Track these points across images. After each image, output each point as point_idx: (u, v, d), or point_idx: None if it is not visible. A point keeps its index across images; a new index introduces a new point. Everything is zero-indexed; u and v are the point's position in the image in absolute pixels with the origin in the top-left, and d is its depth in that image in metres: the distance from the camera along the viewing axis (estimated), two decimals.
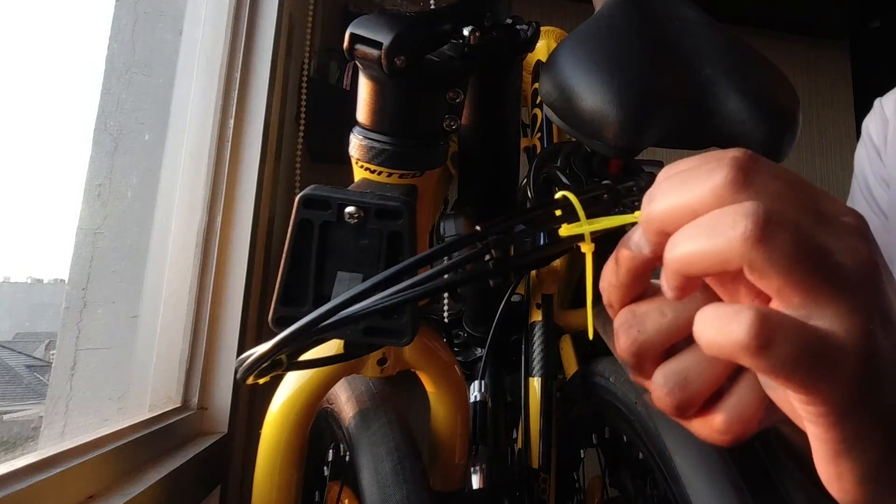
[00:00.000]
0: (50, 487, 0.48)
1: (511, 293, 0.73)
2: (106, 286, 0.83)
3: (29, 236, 0.84)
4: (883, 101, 0.68)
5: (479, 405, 0.72)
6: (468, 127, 0.57)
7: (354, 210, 0.38)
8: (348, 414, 0.62)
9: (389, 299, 0.27)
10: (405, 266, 0.28)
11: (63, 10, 0.90)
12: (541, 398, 0.72)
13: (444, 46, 0.45)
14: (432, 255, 0.29)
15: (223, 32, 0.96)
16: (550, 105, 0.47)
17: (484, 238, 0.28)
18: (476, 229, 0.28)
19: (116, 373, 0.81)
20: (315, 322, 0.27)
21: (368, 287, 0.27)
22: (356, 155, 0.45)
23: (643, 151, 0.47)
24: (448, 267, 0.28)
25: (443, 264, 0.28)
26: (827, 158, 2.41)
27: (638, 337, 0.26)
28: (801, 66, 2.42)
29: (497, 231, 0.28)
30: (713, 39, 0.48)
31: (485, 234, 0.28)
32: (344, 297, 0.27)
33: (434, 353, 0.68)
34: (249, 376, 0.30)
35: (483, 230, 0.28)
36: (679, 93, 0.45)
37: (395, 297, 0.27)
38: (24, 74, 0.83)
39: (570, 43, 0.47)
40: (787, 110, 0.46)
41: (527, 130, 0.84)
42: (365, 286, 0.27)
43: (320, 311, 0.27)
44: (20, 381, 0.97)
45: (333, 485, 0.68)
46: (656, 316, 0.26)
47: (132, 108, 0.89)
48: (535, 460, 0.71)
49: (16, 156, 0.80)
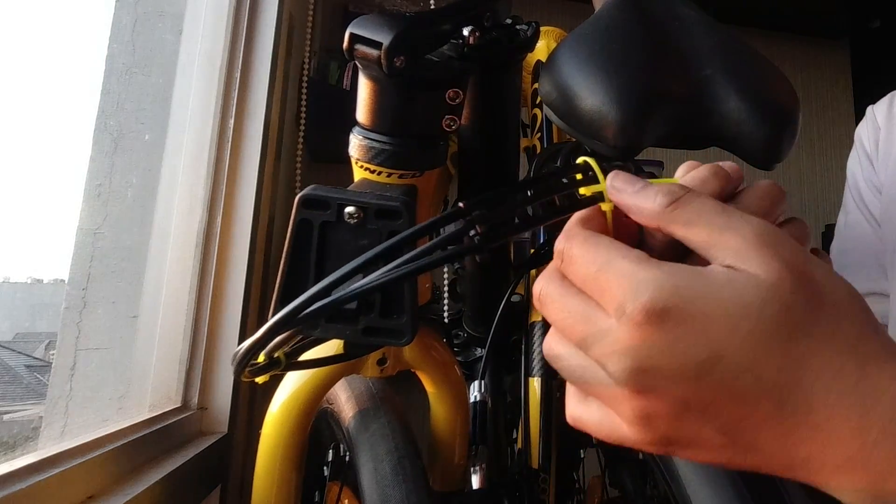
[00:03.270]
0: (50, 487, 0.48)
1: (511, 293, 0.73)
2: (106, 286, 0.83)
3: (29, 236, 0.84)
4: (875, 108, 0.68)
5: (479, 405, 0.72)
6: (468, 127, 0.57)
7: (354, 210, 0.38)
8: (348, 414, 0.62)
9: (376, 280, 0.28)
10: (381, 250, 0.28)
11: (63, 10, 0.90)
12: (541, 398, 0.72)
13: (444, 46, 0.45)
14: (414, 234, 0.29)
15: (223, 32, 0.96)
16: (550, 105, 0.47)
17: (467, 214, 0.28)
18: (459, 206, 0.28)
19: (116, 373, 0.81)
20: (299, 309, 0.28)
21: (347, 272, 0.28)
22: (356, 155, 0.45)
23: (643, 151, 0.47)
24: (431, 246, 0.28)
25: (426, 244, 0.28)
26: (827, 158, 2.41)
27: None
28: (801, 66, 2.42)
29: (481, 206, 0.29)
30: (713, 39, 0.47)
31: (468, 211, 0.28)
32: (325, 283, 0.28)
33: (434, 353, 0.68)
34: (244, 369, 0.30)
35: (466, 206, 0.28)
36: (679, 93, 0.45)
37: (378, 280, 0.27)
38: (24, 75, 0.83)
39: (570, 43, 0.47)
40: (786, 110, 0.46)
41: (527, 130, 0.83)
42: (344, 271, 0.28)
43: (303, 298, 0.28)
44: (20, 381, 0.97)
45: (333, 485, 0.68)
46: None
47: (132, 108, 0.89)
48: (535, 460, 0.71)
49: (16, 156, 0.80)
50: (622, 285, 0.26)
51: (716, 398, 0.25)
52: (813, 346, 0.25)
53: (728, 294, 0.25)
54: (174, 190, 0.89)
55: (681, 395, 0.25)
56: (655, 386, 0.25)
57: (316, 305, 0.28)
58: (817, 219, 2.28)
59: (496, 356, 0.82)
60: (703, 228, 0.27)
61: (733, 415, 0.25)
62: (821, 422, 0.25)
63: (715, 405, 0.25)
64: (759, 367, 0.25)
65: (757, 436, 0.26)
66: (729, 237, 0.26)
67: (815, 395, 0.25)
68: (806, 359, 0.25)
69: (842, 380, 0.25)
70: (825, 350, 0.25)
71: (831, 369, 0.25)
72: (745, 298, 0.25)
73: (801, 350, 0.25)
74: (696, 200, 0.28)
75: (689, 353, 0.25)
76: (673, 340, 0.25)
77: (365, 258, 0.28)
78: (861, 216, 0.65)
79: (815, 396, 0.25)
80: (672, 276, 0.25)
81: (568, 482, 0.82)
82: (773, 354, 0.25)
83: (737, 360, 0.25)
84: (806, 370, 0.25)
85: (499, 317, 0.69)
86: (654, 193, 0.28)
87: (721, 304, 0.25)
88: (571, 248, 0.28)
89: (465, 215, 0.28)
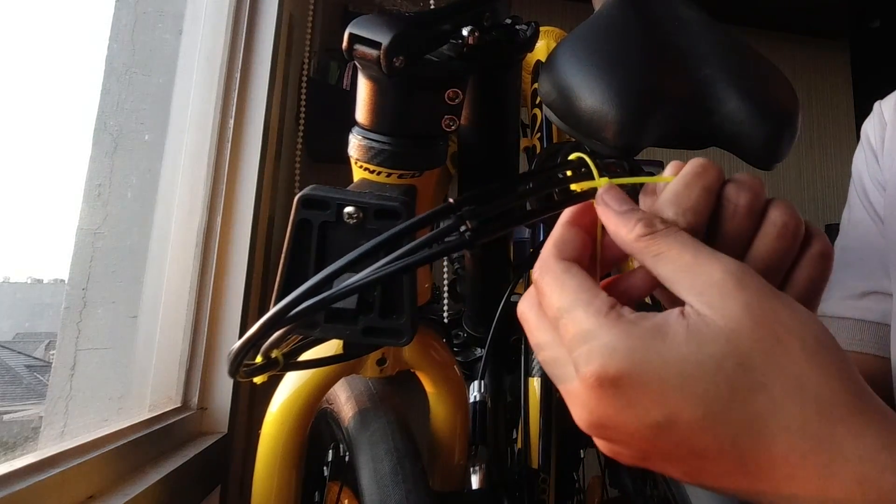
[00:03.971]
0: (50, 487, 0.48)
1: (511, 293, 0.73)
2: (106, 286, 0.83)
3: (29, 236, 0.84)
4: (882, 104, 0.68)
5: (479, 405, 0.72)
6: (467, 127, 0.57)
7: (353, 210, 0.38)
8: (348, 414, 0.62)
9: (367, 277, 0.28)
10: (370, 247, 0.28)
11: (63, 10, 0.90)
12: (541, 398, 0.72)
13: (444, 46, 0.45)
14: (402, 231, 0.29)
15: (223, 32, 0.96)
16: (549, 105, 0.47)
17: (458, 210, 0.28)
18: (449, 201, 0.28)
19: (116, 373, 0.81)
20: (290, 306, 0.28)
21: (336, 269, 0.28)
22: (355, 155, 0.45)
23: (643, 151, 0.47)
24: (421, 243, 0.28)
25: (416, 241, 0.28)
26: (827, 158, 2.41)
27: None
28: (801, 66, 2.42)
29: (472, 202, 0.29)
30: (713, 39, 0.47)
31: (458, 206, 0.28)
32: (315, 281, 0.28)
33: (434, 354, 0.68)
34: (238, 369, 0.30)
35: (456, 201, 0.29)
36: (678, 92, 0.45)
37: (369, 277, 0.28)
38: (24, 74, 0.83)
39: (569, 43, 0.47)
40: (786, 110, 0.46)
41: (526, 130, 0.83)
42: (332, 269, 0.28)
43: (293, 296, 0.28)
44: (20, 381, 0.97)
45: (333, 485, 0.68)
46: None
47: (132, 108, 0.89)
48: (534, 460, 0.71)
49: (16, 156, 0.80)
50: (577, 340, 0.26)
51: (676, 452, 0.25)
52: (773, 401, 0.24)
53: (685, 352, 0.24)
54: (174, 190, 0.89)
55: (639, 448, 0.26)
56: (615, 439, 0.26)
57: (307, 303, 0.27)
58: (817, 219, 2.28)
59: (496, 356, 0.82)
60: (671, 264, 0.27)
61: (694, 465, 0.25)
62: (782, 480, 0.24)
63: (676, 457, 0.25)
64: (716, 427, 0.24)
65: (719, 482, 0.26)
66: (694, 276, 0.26)
67: (777, 454, 0.24)
68: (766, 416, 0.24)
69: (805, 439, 0.24)
70: (788, 404, 0.24)
71: (794, 425, 0.24)
72: (702, 356, 0.24)
73: (759, 406, 0.24)
74: (671, 236, 0.28)
75: (644, 416, 0.25)
76: (626, 404, 0.25)
77: (355, 255, 0.28)
78: (865, 213, 0.64)
79: (776, 454, 0.24)
80: (627, 338, 0.25)
81: (568, 482, 0.82)
82: (730, 414, 0.24)
83: (693, 423, 0.24)
84: (766, 428, 0.24)
85: (499, 317, 0.69)
86: (635, 222, 0.28)
87: (677, 365, 0.24)
88: (542, 283, 0.29)
89: (456, 211, 0.28)
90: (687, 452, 0.25)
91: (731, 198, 0.30)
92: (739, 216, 0.30)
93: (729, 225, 0.30)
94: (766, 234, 0.30)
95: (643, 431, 0.25)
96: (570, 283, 0.28)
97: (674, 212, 0.30)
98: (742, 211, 0.30)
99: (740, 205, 0.30)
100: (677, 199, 0.30)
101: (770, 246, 0.30)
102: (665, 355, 0.24)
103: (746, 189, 0.30)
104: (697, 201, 0.30)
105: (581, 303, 0.27)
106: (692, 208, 0.30)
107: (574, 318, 0.26)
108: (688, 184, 0.30)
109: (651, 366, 0.24)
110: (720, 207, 0.31)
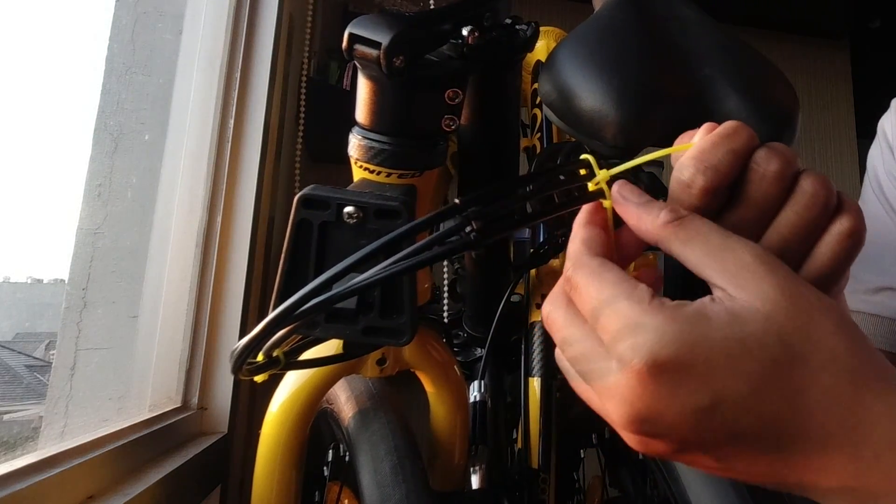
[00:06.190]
0: (50, 487, 0.48)
1: (511, 293, 0.73)
2: (106, 286, 0.83)
3: (29, 236, 0.84)
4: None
5: (479, 405, 0.72)
6: (468, 127, 0.57)
7: (353, 210, 0.38)
8: (348, 414, 0.62)
9: (372, 277, 0.28)
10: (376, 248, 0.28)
11: (63, 10, 0.90)
12: (541, 398, 0.72)
13: (444, 46, 0.45)
14: (408, 231, 0.29)
15: (223, 32, 0.96)
16: (549, 105, 0.47)
17: (463, 210, 0.28)
18: (455, 202, 0.29)
19: (116, 373, 0.81)
20: (295, 306, 0.28)
21: (342, 269, 0.28)
22: (355, 155, 0.45)
23: (642, 151, 0.47)
24: (426, 243, 0.28)
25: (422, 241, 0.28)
26: (826, 158, 2.41)
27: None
28: (801, 66, 2.42)
29: (477, 202, 0.29)
30: (712, 39, 0.47)
31: (464, 207, 0.28)
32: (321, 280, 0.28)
33: (434, 353, 0.68)
34: (241, 367, 0.30)
35: (462, 202, 0.29)
36: (678, 92, 0.45)
37: (373, 277, 0.28)
38: (24, 74, 0.83)
39: (569, 43, 0.47)
40: (786, 110, 0.46)
41: (526, 130, 0.83)
42: (339, 268, 0.28)
43: (299, 295, 0.28)
44: (20, 381, 0.97)
45: (333, 485, 0.68)
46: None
47: (132, 108, 0.89)
48: (534, 460, 0.71)
49: (16, 156, 0.80)
50: (623, 332, 0.26)
51: (715, 438, 0.25)
52: (810, 373, 0.25)
53: (728, 333, 0.25)
54: (174, 190, 0.89)
55: (680, 437, 0.26)
56: (655, 432, 0.26)
57: (312, 302, 0.28)
58: None
59: (496, 356, 0.82)
60: (700, 248, 0.27)
61: (730, 451, 0.26)
62: (815, 450, 0.25)
63: (713, 443, 0.26)
64: (760, 405, 0.25)
65: (751, 466, 0.26)
66: (724, 259, 0.27)
67: (812, 425, 0.25)
68: (804, 389, 0.25)
69: (838, 408, 0.25)
70: (823, 377, 0.25)
71: (829, 397, 0.25)
72: (744, 334, 0.25)
73: (799, 379, 0.25)
74: (697, 221, 0.28)
75: (691, 399, 0.25)
76: (674, 389, 0.25)
77: (360, 255, 0.28)
78: (880, 208, 0.64)
79: (812, 426, 0.25)
80: (674, 322, 0.25)
81: (568, 482, 0.82)
82: (773, 389, 0.25)
83: (738, 402, 0.25)
84: (805, 400, 0.25)
85: (499, 317, 0.69)
86: (658, 209, 0.29)
87: (723, 345, 0.25)
88: (578, 278, 0.29)
89: (461, 211, 0.28)
90: (726, 437, 0.25)
91: (761, 162, 0.30)
92: (767, 182, 0.30)
93: (754, 189, 0.30)
94: (795, 202, 0.30)
95: (687, 418, 0.25)
96: (609, 276, 0.28)
97: (694, 168, 0.30)
98: (770, 177, 0.30)
99: (769, 170, 0.30)
100: (701, 156, 0.30)
101: (797, 216, 0.30)
102: (711, 337, 0.25)
103: (777, 155, 0.30)
104: (721, 161, 0.30)
105: (623, 294, 0.27)
106: (714, 167, 0.29)
107: (617, 310, 0.26)
108: (714, 143, 0.30)
109: (699, 349, 0.25)
110: (749, 171, 0.30)
